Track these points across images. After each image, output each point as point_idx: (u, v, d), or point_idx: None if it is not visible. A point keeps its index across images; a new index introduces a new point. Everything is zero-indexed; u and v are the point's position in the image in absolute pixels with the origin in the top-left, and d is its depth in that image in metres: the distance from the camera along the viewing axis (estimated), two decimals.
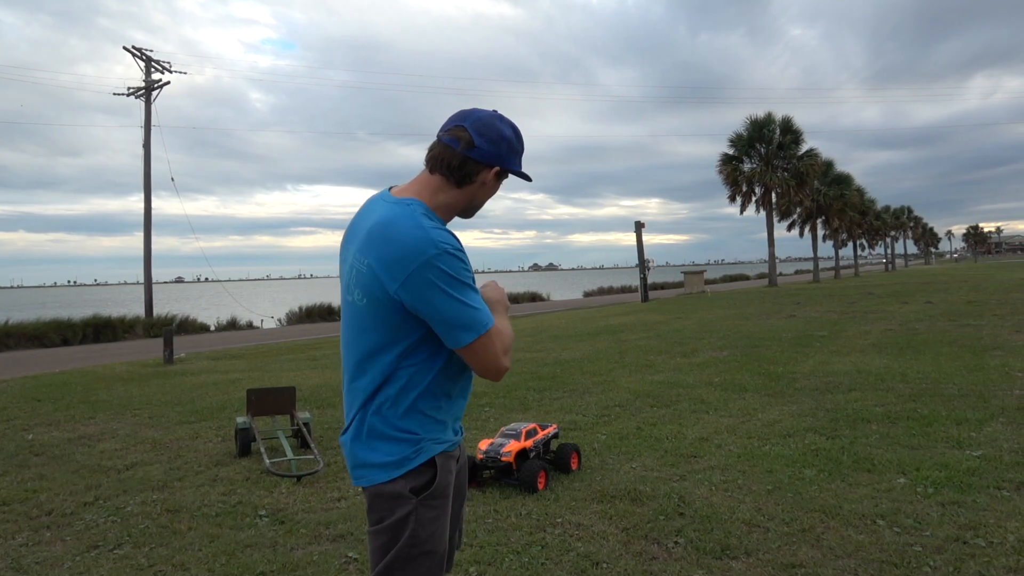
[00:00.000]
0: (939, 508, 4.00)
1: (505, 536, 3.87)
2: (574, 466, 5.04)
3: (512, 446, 4.77)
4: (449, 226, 1.87)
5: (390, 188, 1.92)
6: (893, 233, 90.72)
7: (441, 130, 1.87)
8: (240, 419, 6.00)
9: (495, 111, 1.90)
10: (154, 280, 28.43)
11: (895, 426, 5.93)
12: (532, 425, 5.08)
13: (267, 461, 5.33)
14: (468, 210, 1.92)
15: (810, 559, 3.43)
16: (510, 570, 3.44)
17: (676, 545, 3.67)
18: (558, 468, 5.00)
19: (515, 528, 3.98)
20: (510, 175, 1.93)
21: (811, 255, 51.76)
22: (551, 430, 5.22)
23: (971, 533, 3.64)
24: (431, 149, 1.87)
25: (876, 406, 6.71)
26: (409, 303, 1.72)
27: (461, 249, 1.76)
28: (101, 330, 23.50)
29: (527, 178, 1.96)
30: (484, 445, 4.88)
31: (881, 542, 3.59)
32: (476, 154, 1.82)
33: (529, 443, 4.89)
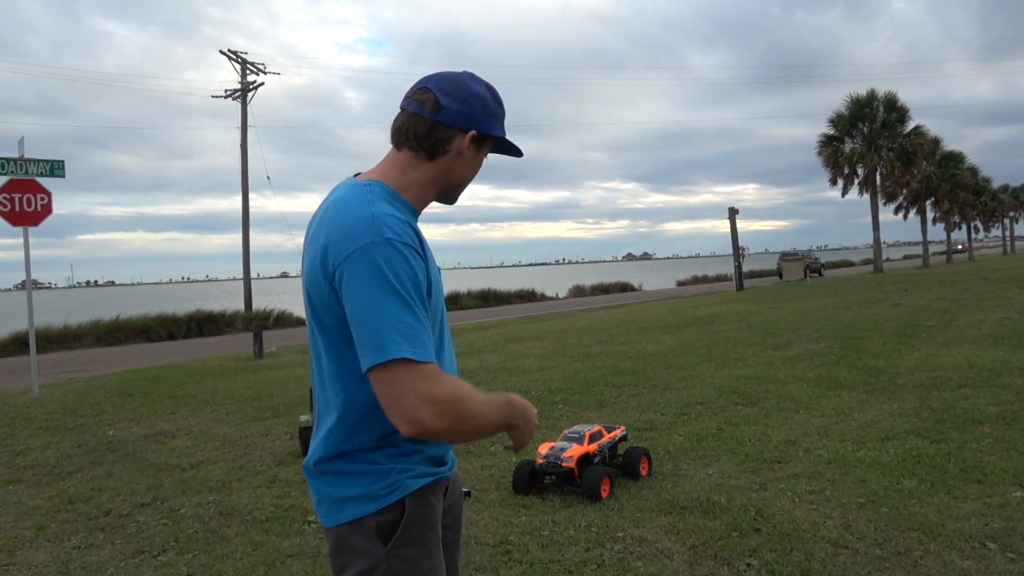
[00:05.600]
0: None
1: (559, 552, 3.56)
2: (644, 472, 4.68)
3: (574, 450, 4.45)
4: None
5: (356, 174, 1.62)
6: (1012, 214, 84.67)
7: (404, 98, 1.57)
8: (303, 417, 5.91)
9: (465, 71, 1.59)
10: (259, 275, 29.45)
11: (1011, 429, 5.28)
12: (597, 427, 4.74)
13: None
14: (448, 190, 1.59)
15: None
16: None
17: (748, 568, 3.27)
18: (626, 474, 4.65)
19: (571, 543, 3.67)
20: (493, 150, 1.61)
21: (920, 239, 48.93)
22: (618, 432, 4.86)
23: None
24: (394, 122, 1.56)
25: (989, 405, 6.03)
26: (340, 295, 1.40)
27: (414, 247, 1.41)
28: (204, 324, 24.52)
29: (516, 151, 1.63)
30: (544, 449, 4.57)
31: (991, 570, 3.09)
32: (445, 117, 1.51)
33: (593, 447, 4.55)
